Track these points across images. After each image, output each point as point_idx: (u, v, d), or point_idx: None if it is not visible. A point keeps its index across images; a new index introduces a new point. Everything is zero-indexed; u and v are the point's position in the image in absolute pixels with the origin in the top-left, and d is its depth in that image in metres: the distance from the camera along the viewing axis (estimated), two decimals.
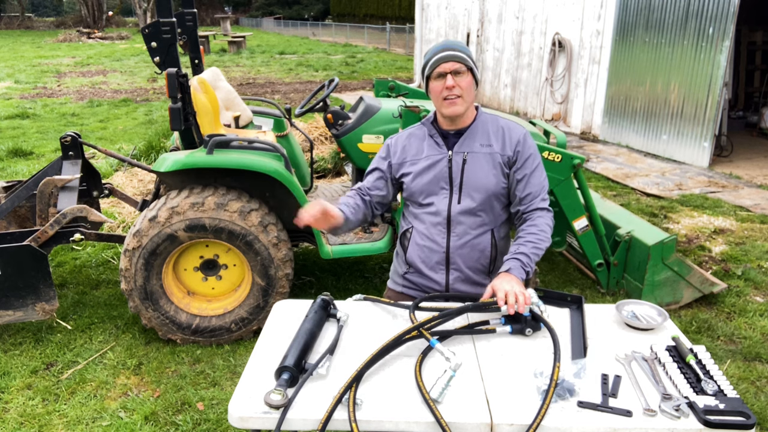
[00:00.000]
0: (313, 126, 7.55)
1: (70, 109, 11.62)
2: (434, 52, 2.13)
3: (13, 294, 3.34)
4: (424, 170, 2.20)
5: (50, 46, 28.74)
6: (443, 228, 2.22)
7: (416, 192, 2.23)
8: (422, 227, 2.26)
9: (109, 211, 5.51)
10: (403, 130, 2.36)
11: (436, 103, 2.16)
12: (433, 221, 2.22)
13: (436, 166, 2.19)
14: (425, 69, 2.16)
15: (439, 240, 2.23)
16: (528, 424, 1.47)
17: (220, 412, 2.93)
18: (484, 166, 2.17)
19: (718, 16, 6.97)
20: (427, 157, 2.21)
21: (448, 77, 2.08)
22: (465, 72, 2.10)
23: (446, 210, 2.19)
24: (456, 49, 2.11)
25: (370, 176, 2.32)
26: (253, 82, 15.91)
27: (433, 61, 2.11)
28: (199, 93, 3.52)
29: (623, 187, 6.62)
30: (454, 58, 2.08)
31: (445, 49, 2.11)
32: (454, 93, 2.09)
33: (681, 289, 3.82)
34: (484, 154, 2.18)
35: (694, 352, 1.73)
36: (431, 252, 2.25)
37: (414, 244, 2.29)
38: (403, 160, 2.25)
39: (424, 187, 2.21)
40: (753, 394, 3.04)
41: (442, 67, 2.09)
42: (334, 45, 30.19)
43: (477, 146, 2.18)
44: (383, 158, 2.30)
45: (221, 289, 3.52)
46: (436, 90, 2.12)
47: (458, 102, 2.11)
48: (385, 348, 1.73)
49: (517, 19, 10.81)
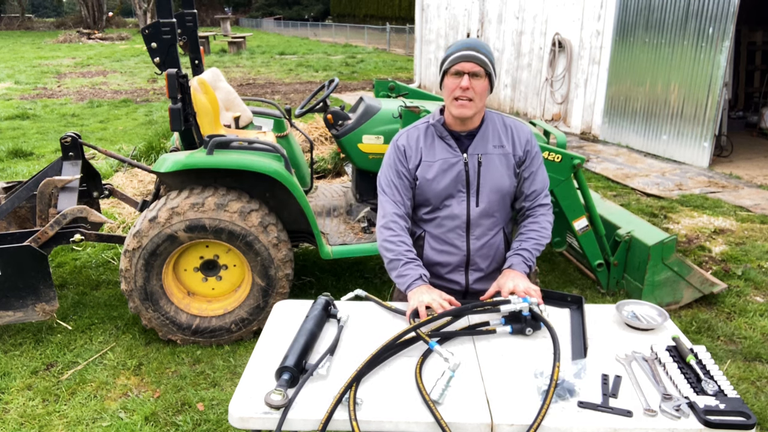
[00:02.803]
0: (313, 126, 7.55)
1: (70, 109, 11.62)
2: (458, 48, 2.07)
3: (13, 294, 3.34)
4: (440, 173, 2.14)
5: (50, 47, 28.75)
6: (462, 231, 2.20)
7: (432, 196, 2.17)
8: (438, 231, 2.21)
9: (109, 211, 5.51)
10: (405, 128, 2.27)
11: (447, 100, 2.11)
12: (451, 225, 2.19)
13: (453, 169, 2.14)
14: (444, 63, 2.10)
15: (459, 244, 2.21)
16: (528, 425, 1.47)
17: (220, 412, 2.92)
18: (499, 168, 2.16)
19: (718, 16, 6.97)
20: (443, 160, 2.15)
21: (465, 77, 2.03)
22: (483, 76, 2.06)
23: (465, 213, 2.17)
24: (480, 51, 2.06)
25: (399, 189, 2.18)
26: (253, 83, 15.92)
27: (455, 57, 2.05)
28: (199, 93, 3.52)
29: (623, 188, 6.62)
30: (475, 59, 2.03)
31: (470, 48, 2.05)
32: (466, 95, 2.04)
33: (681, 289, 3.82)
34: (498, 156, 2.17)
35: (695, 352, 1.73)
36: (451, 256, 2.23)
37: (430, 249, 2.25)
38: (419, 162, 2.17)
39: (442, 191, 2.15)
40: (753, 394, 3.04)
41: (461, 66, 2.03)
42: (334, 45, 30.19)
43: (490, 148, 2.16)
44: (402, 163, 2.17)
45: (221, 290, 3.52)
46: (450, 87, 2.07)
47: (469, 105, 2.06)
48: (385, 348, 1.73)
49: (517, 20, 10.81)
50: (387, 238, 2.14)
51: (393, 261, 2.11)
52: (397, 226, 2.15)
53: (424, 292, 1.97)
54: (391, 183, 2.19)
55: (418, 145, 2.18)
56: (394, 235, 2.14)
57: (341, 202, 4.26)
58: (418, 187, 2.18)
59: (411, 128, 2.25)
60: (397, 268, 2.10)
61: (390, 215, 2.16)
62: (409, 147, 2.19)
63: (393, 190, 2.19)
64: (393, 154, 2.20)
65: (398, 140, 2.22)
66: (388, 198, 2.19)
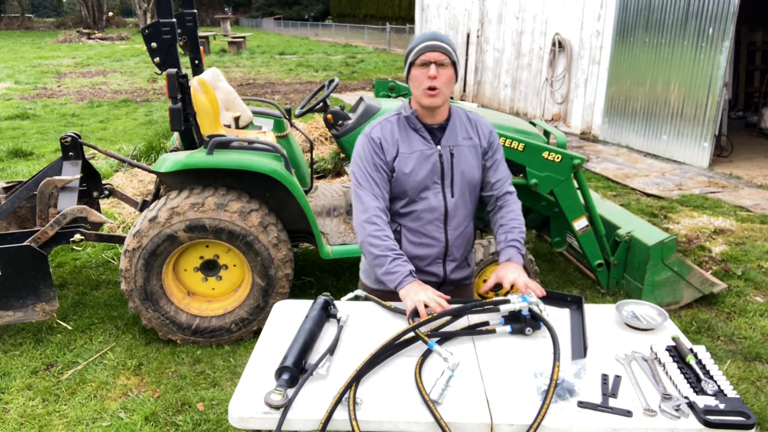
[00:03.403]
0: (313, 126, 7.55)
1: (70, 109, 11.62)
2: (421, 40, 2.12)
3: (13, 294, 3.34)
4: (417, 166, 2.17)
5: (50, 47, 28.75)
6: (440, 223, 2.24)
7: (410, 188, 2.18)
8: (416, 225, 2.23)
9: (109, 211, 5.51)
10: (376, 121, 2.24)
11: (416, 91, 2.14)
12: (430, 218, 2.22)
13: (428, 161, 2.18)
14: (409, 55, 2.15)
15: (438, 235, 2.25)
16: (528, 425, 1.47)
17: (220, 412, 2.93)
18: (469, 159, 2.23)
19: (718, 17, 6.97)
20: (419, 152, 2.18)
21: (432, 67, 2.08)
22: (448, 65, 2.11)
23: (443, 205, 2.21)
24: (443, 40, 2.11)
25: (377, 182, 2.16)
26: (253, 83, 15.91)
27: (420, 48, 2.10)
28: (199, 93, 3.52)
29: (623, 188, 6.62)
30: (440, 48, 2.08)
31: (433, 39, 2.11)
32: (435, 84, 2.08)
33: (681, 289, 3.82)
34: (468, 147, 2.23)
35: (694, 353, 1.73)
36: (430, 248, 2.26)
37: (408, 242, 2.26)
38: (396, 154, 2.18)
39: (419, 183, 2.18)
40: (753, 394, 3.04)
41: (427, 56, 2.08)
42: (334, 45, 30.19)
43: (461, 140, 2.22)
44: (379, 155, 2.17)
45: (221, 290, 3.52)
46: (419, 78, 2.10)
47: (437, 94, 2.11)
48: (384, 348, 1.73)
49: (517, 20, 10.81)
50: (372, 233, 2.11)
51: (379, 257, 2.09)
52: (380, 220, 2.14)
53: (418, 291, 1.98)
54: (368, 176, 2.16)
55: (393, 137, 2.19)
56: (378, 229, 2.12)
57: (341, 202, 4.26)
58: (394, 179, 2.19)
59: (383, 120, 2.23)
60: (384, 264, 2.08)
61: (373, 209, 2.14)
62: (384, 139, 2.18)
63: (371, 184, 2.16)
64: (368, 147, 2.18)
65: (371, 133, 2.20)
66: (367, 192, 2.16)
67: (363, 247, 2.16)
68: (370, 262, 2.15)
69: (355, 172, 2.21)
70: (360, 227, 2.15)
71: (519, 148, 3.37)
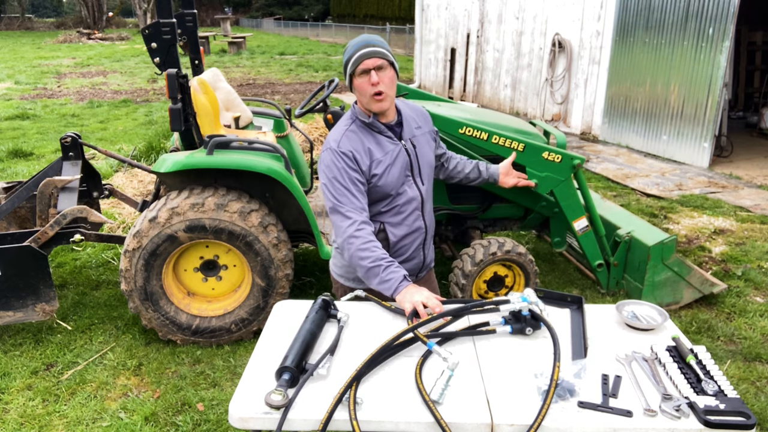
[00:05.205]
0: (313, 126, 7.55)
1: (70, 109, 11.62)
2: (355, 49, 2.13)
3: (13, 295, 3.34)
4: (390, 166, 2.23)
5: (50, 47, 28.75)
6: (419, 212, 2.36)
7: (390, 188, 2.25)
8: (399, 218, 2.31)
9: (109, 211, 5.51)
10: (337, 133, 2.22)
11: (363, 100, 2.17)
12: (410, 209, 2.32)
13: (399, 158, 2.25)
14: (347, 66, 2.16)
15: (419, 224, 2.37)
16: (528, 425, 1.47)
17: (220, 412, 2.92)
18: (425, 147, 2.37)
19: (718, 17, 6.97)
20: (389, 153, 2.24)
21: (372, 73, 2.10)
22: (387, 66, 2.14)
23: (418, 195, 2.33)
24: (375, 45, 2.13)
25: (356, 196, 2.15)
26: (253, 83, 15.92)
27: (356, 58, 2.12)
28: (199, 94, 3.52)
29: (623, 188, 6.62)
30: (376, 54, 2.11)
31: (366, 46, 2.12)
32: (380, 89, 2.11)
33: (681, 289, 3.82)
34: (422, 135, 2.37)
35: (695, 353, 1.73)
36: (413, 237, 2.38)
37: (393, 237, 2.33)
38: (370, 162, 2.19)
39: (396, 181, 2.25)
40: (753, 395, 3.04)
41: (365, 64, 2.11)
42: (334, 45, 30.19)
43: (415, 131, 2.34)
44: (354, 169, 2.15)
45: (221, 290, 3.52)
46: (363, 87, 2.13)
47: (386, 98, 2.15)
48: (384, 348, 1.73)
49: (517, 20, 10.81)
50: (359, 246, 2.08)
51: (372, 268, 2.06)
52: (365, 232, 2.11)
53: (414, 293, 1.98)
54: (345, 191, 2.14)
55: (364, 146, 2.19)
56: (365, 242, 2.09)
57: None
58: (372, 185, 2.22)
59: (345, 132, 2.21)
60: (378, 274, 2.05)
61: (357, 224, 2.11)
62: (356, 151, 2.17)
63: (349, 198, 2.13)
64: (341, 162, 2.14)
65: (339, 147, 2.16)
66: (347, 207, 2.13)
67: (353, 262, 2.13)
68: (363, 276, 2.12)
69: (328, 188, 2.16)
70: (346, 243, 2.12)
71: (519, 148, 3.37)
